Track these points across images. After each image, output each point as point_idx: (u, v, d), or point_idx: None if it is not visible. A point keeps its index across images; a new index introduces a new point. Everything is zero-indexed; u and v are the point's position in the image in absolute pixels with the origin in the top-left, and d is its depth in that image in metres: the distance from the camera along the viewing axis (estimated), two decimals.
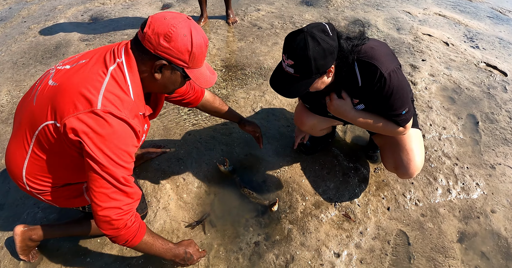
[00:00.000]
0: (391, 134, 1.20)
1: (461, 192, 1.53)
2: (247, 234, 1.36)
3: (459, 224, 1.41)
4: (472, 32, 2.82)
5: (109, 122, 0.83)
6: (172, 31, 0.84)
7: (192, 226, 1.38)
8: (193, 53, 0.88)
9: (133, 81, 0.90)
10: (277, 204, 1.41)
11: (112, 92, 0.86)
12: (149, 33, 0.86)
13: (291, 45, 0.94)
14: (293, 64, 0.95)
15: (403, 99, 1.08)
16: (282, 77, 1.02)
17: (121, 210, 0.88)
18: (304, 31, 0.94)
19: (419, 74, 2.19)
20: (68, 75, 0.90)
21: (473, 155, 1.70)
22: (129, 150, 0.88)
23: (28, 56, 2.58)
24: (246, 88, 2.08)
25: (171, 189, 1.51)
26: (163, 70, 0.92)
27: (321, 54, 0.93)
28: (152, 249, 1.00)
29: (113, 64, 0.89)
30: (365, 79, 1.06)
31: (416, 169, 1.24)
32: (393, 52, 1.11)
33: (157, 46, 0.85)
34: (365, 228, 1.37)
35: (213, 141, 1.73)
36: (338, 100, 1.14)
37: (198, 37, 0.89)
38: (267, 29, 2.68)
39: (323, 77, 1.02)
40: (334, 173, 1.57)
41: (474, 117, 1.92)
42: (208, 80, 0.98)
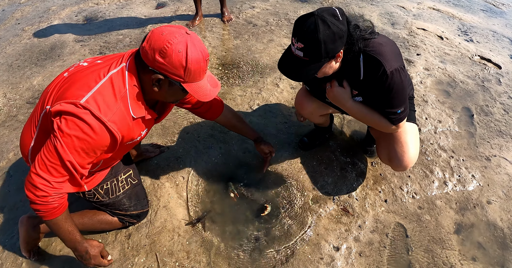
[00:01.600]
0: (383, 130, 1.21)
1: (457, 184, 1.54)
2: (247, 230, 1.36)
3: (455, 216, 1.43)
4: (466, 25, 2.82)
5: (84, 118, 0.87)
6: (167, 47, 0.86)
7: (192, 224, 1.38)
8: (188, 68, 0.89)
9: (132, 85, 0.94)
10: (268, 208, 1.40)
11: (102, 94, 0.90)
12: (146, 48, 0.89)
13: (301, 28, 0.94)
14: (302, 47, 0.94)
15: (401, 99, 1.09)
16: (291, 61, 1.01)
17: (50, 184, 0.91)
18: (314, 15, 0.93)
19: (414, 68, 2.19)
20: (79, 71, 0.99)
21: (469, 147, 1.71)
22: (93, 147, 0.91)
23: (23, 59, 2.55)
24: (242, 86, 2.08)
25: (170, 188, 1.51)
26: (161, 83, 0.95)
27: (331, 38, 0.93)
28: (58, 231, 1.01)
29: (116, 68, 0.95)
30: (368, 73, 1.06)
31: (409, 161, 1.25)
32: (399, 52, 1.12)
33: (153, 61, 0.89)
34: (363, 222, 1.38)
35: (211, 139, 1.72)
36: (339, 88, 1.15)
37: (194, 53, 0.90)
38: (262, 26, 2.67)
39: (331, 62, 1.02)
40: (332, 168, 1.58)
41: (469, 110, 1.93)
42: (208, 94, 0.99)
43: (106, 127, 0.91)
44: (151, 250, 1.30)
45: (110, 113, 0.90)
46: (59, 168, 0.91)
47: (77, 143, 0.89)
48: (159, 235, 1.35)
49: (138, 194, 1.33)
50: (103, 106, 0.89)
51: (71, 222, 1.04)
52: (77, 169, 0.93)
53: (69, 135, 0.88)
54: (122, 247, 1.32)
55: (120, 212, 1.29)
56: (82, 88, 0.90)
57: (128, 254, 1.29)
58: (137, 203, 1.32)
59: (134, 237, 1.35)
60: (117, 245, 1.32)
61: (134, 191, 1.32)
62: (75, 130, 0.88)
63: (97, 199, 1.23)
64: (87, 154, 0.93)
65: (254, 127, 1.79)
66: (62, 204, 0.98)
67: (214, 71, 2.20)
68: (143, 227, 1.37)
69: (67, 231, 1.02)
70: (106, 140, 0.93)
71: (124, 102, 0.94)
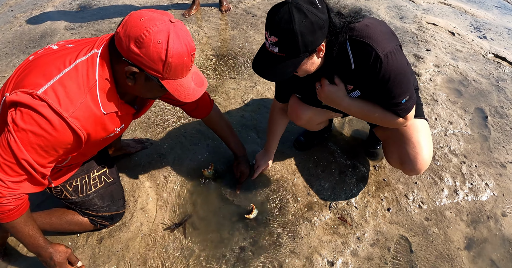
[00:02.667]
0: (391, 126, 1.02)
1: (469, 193, 1.34)
2: (232, 238, 1.19)
3: (466, 229, 1.24)
4: (479, 22, 2.58)
5: (41, 111, 0.73)
6: (145, 35, 0.71)
7: (171, 229, 1.21)
8: (168, 63, 0.74)
9: (103, 76, 0.80)
10: (253, 211, 1.22)
11: (64, 84, 0.76)
12: (121, 34, 0.74)
13: (274, 19, 0.77)
14: (277, 41, 0.78)
15: (403, 85, 0.89)
16: (266, 58, 0.84)
17: (3, 184, 0.78)
18: (289, 2, 0.76)
19: (423, 64, 1.98)
20: (46, 55, 0.83)
21: (482, 152, 1.51)
22: (52, 144, 0.77)
23: (12, 46, 2.38)
24: (237, 79, 1.88)
25: (150, 188, 1.33)
26: (136, 77, 0.78)
27: (309, 29, 0.76)
28: (17, 235, 0.88)
29: (85, 55, 0.80)
30: (359, 62, 0.87)
31: (424, 164, 1.06)
32: (392, 31, 0.92)
33: (127, 51, 0.74)
34: (362, 233, 1.19)
35: (199, 135, 1.54)
36: (330, 86, 0.96)
37: (177, 45, 0.73)
38: (261, 17, 2.46)
39: (312, 57, 0.84)
40: (329, 171, 1.39)
41: (482, 111, 1.72)
42: (190, 94, 0.82)
43: (67, 123, 0.75)
44: (123, 257, 1.13)
45: (72, 107, 0.75)
46: (14, 166, 0.77)
47: (33, 139, 0.74)
48: (134, 240, 1.18)
49: (112, 193, 1.16)
50: (64, 99, 0.74)
51: (32, 225, 0.89)
52: (36, 168, 0.78)
53: (24, 129, 0.73)
54: (92, 252, 1.15)
55: (91, 212, 1.12)
56: (42, 76, 0.76)
57: (99, 261, 1.13)
58: (111, 203, 1.15)
59: (106, 241, 1.18)
60: (87, 250, 1.16)
61: (108, 190, 1.15)
62: (31, 125, 0.72)
63: (65, 196, 1.06)
64: (47, 152, 0.78)
65: (246, 122, 1.61)
66: (21, 206, 0.83)
67: (207, 62, 2.01)
68: (117, 230, 1.20)
69: (27, 235, 0.88)
70: (67, 137, 0.77)
71: (92, 95, 0.78)
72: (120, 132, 0.94)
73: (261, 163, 1.32)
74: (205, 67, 1.98)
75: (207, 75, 1.92)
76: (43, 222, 1.13)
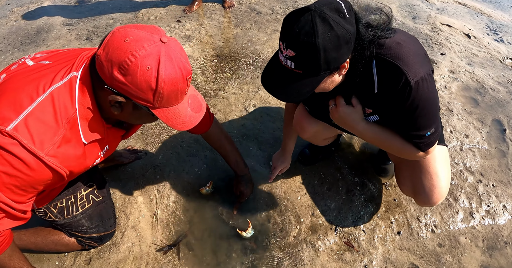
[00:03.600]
0: (407, 157, 0.88)
1: (485, 216, 1.21)
2: (229, 262, 1.08)
3: (482, 257, 1.11)
4: (495, 23, 2.38)
5: (12, 151, 0.61)
6: (130, 61, 0.59)
7: (164, 251, 1.10)
8: (159, 92, 0.63)
9: (83, 105, 0.68)
10: (249, 228, 1.10)
11: (38, 117, 0.63)
12: (102, 58, 0.62)
13: (292, 29, 0.62)
14: (294, 56, 0.63)
15: (431, 117, 0.76)
16: (279, 74, 0.70)
17: None
18: (311, 10, 0.61)
19: (438, 70, 1.81)
20: (19, 74, 0.70)
21: (500, 170, 1.37)
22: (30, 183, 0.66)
23: (7, 42, 2.24)
24: (238, 82, 1.73)
25: (143, 203, 1.22)
26: (122, 105, 0.68)
27: (334, 43, 0.62)
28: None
29: (62, 79, 0.67)
30: (384, 85, 0.73)
31: (440, 197, 0.94)
32: (425, 52, 0.77)
33: (110, 79, 0.62)
34: (370, 261, 1.08)
35: (196, 145, 1.41)
36: (346, 108, 0.81)
37: (170, 70, 0.62)
38: (267, 14, 2.27)
39: (333, 75, 0.70)
40: (336, 189, 1.26)
41: (500, 123, 1.57)
42: (186, 122, 0.70)
43: (44, 162, 0.63)
44: None
45: (49, 145, 0.64)
46: None
47: (7, 179, 0.64)
48: (124, 263, 1.07)
49: (102, 213, 1.05)
50: (38, 136, 0.63)
51: (18, 257, 0.81)
52: (14, 207, 0.68)
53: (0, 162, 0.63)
54: None
55: (78, 234, 1.01)
56: (12, 108, 0.63)
57: None
58: (100, 224, 1.04)
59: (95, 263, 1.07)
60: None
61: (97, 209, 1.03)
62: (2, 165, 0.62)
63: (50, 217, 0.95)
64: (25, 191, 0.67)
65: (247, 132, 1.47)
66: (2, 242, 0.74)
67: (208, 63, 1.86)
68: (106, 250, 1.09)
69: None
70: (46, 175, 0.66)
71: (71, 128, 0.66)
72: (106, 155, 0.81)
73: (278, 164, 1.21)
74: (205, 68, 1.83)
75: (207, 78, 1.77)
76: (27, 242, 1.02)
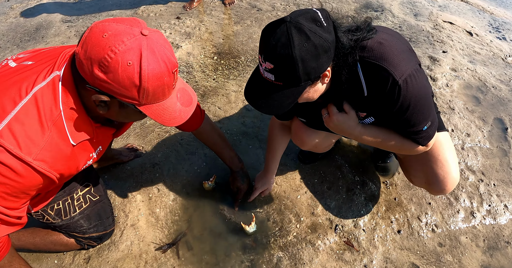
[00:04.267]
0: (408, 153, 0.87)
1: (486, 215, 1.19)
2: (228, 260, 1.06)
3: (482, 257, 1.09)
4: (498, 21, 2.33)
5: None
6: (110, 57, 0.56)
7: (163, 249, 1.08)
8: (143, 88, 0.59)
9: (68, 105, 0.64)
10: (252, 223, 1.08)
11: (22, 121, 0.60)
12: (81, 56, 0.58)
13: (269, 42, 0.60)
14: (272, 68, 0.61)
15: (424, 112, 0.74)
16: (260, 87, 0.67)
17: None
18: (287, 21, 0.59)
19: (440, 68, 1.77)
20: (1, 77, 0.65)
21: (501, 169, 1.34)
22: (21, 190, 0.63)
23: (6, 39, 2.20)
24: (239, 80, 1.70)
25: (142, 202, 1.19)
26: (108, 104, 0.64)
27: (311, 53, 0.59)
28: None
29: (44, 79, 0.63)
30: (373, 88, 0.71)
31: (454, 183, 0.93)
32: (409, 47, 0.75)
33: (91, 77, 0.58)
34: (370, 260, 1.06)
35: (196, 143, 1.38)
36: (339, 115, 0.79)
37: (153, 65, 0.58)
38: (267, 11, 2.23)
39: (315, 84, 0.68)
40: (336, 188, 1.23)
41: (502, 122, 1.53)
42: (177, 117, 0.66)
43: (33, 167, 0.60)
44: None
45: (36, 149, 0.61)
46: None
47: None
48: (123, 261, 1.05)
49: (100, 212, 1.02)
50: (24, 140, 0.60)
51: (18, 262, 0.79)
52: (8, 214, 0.65)
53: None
54: None
55: (77, 234, 0.98)
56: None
57: None
58: (99, 223, 1.01)
59: (93, 261, 1.05)
60: None
61: (95, 209, 1.01)
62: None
63: (47, 220, 0.92)
64: (16, 197, 0.64)
65: (248, 130, 1.44)
66: (1, 248, 0.71)
67: (208, 61, 1.82)
68: (105, 249, 1.07)
69: None
70: (36, 180, 0.63)
71: (58, 129, 0.63)
72: (99, 155, 0.79)
73: (258, 186, 1.15)
74: (205, 66, 1.79)
75: (207, 75, 1.73)
76: (26, 242, 1.00)
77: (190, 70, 1.76)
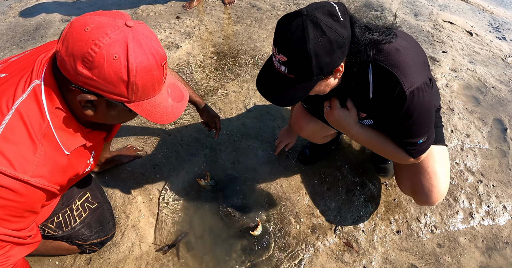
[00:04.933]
0: (399, 162, 0.87)
1: (485, 216, 1.19)
2: (229, 261, 1.06)
3: (481, 257, 1.09)
4: (498, 21, 2.31)
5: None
6: (94, 52, 0.52)
7: (164, 251, 1.08)
8: (132, 83, 0.55)
9: (55, 113, 0.60)
10: (259, 226, 1.08)
11: (10, 140, 0.56)
12: (62, 53, 0.54)
13: (284, 34, 0.59)
14: (286, 61, 0.61)
15: (424, 126, 0.74)
16: (272, 78, 0.67)
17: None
18: (303, 14, 0.58)
19: (440, 68, 1.76)
20: None
21: (500, 170, 1.33)
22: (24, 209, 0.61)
23: (6, 39, 2.17)
24: (238, 80, 1.69)
25: (143, 203, 1.19)
26: (95, 104, 0.60)
27: (326, 48, 0.59)
28: None
29: (24, 91, 0.58)
30: (379, 93, 0.71)
31: (439, 196, 0.92)
32: (425, 60, 0.74)
33: (75, 74, 0.54)
34: (369, 261, 1.06)
35: (196, 144, 1.38)
36: (341, 111, 0.79)
37: (141, 57, 0.55)
38: (267, 10, 2.21)
39: (328, 79, 0.67)
40: (336, 189, 1.23)
41: (501, 122, 1.53)
42: (169, 113, 0.63)
43: (32, 185, 0.57)
44: None
45: (30, 166, 0.57)
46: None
47: (0, 212, 0.58)
48: (124, 263, 1.05)
49: (100, 219, 1.00)
50: (17, 159, 0.55)
51: None
52: (18, 236, 0.62)
53: None
54: None
55: (79, 242, 0.97)
56: None
57: None
58: (100, 229, 1.00)
59: (95, 263, 1.05)
60: None
61: (95, 216, 0.99)
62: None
63: (48, 233, 0.91)
64: (22, 217, 0.61)
65: (248, 131, 1.43)
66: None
67: (208, 61, 1.81)
68: (106, 250, 1.07)
69: None
70: (37, 196, 0.61)
71: (49, 141, 0.59)
72: (94, 161, 0.77)
73: (283, 139, 1.18)
74: (205, 66, 1.78)
75: (207, 75, 1.72)
76: None
77: (190, 70, 1.74)
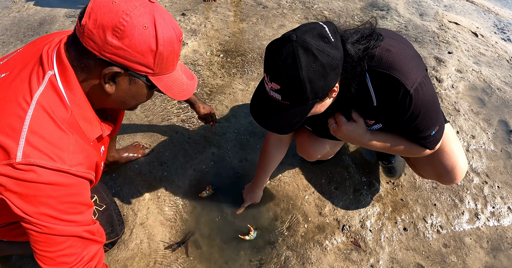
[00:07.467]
0: (416, 156, 0.86)
1: (490, 217, 1.19)
2: (237, 259, 1.05)
3: (486, 258, 1.09)
4: (503, 22, 2.29)
5: (35, 180, 0.52)
6: (125, 21, 0.53)
7: (173, 248, 1.07)
8: (159, 53, 0.56)
9: (75, 102, 0.59)
10: (250, 232, 1.07)
11: (40, 133, 0.53)
12: (89, 26, 0.54)
13: (275, 62, 0.57)
14: (279, 89, 0.58)
15: (433, 117, 0.73)
16: (267, 104, 0.64)
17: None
18: (293, 40, 0.56)
19: (445, 69, 1.74)
20: None
21: (505, 171, 1.33)
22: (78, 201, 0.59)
23: (10, 34, 2.14)
24: (245, 78, 1.66)
25: (151, 200, 1.18)
26: (117, 80, 0.59)
27: (320, 73, 0.57)
28: None
29: (40, 84, 0.56)
30: (383, 98, 0.69)
31: (463, 172, 0.92)
32: (415, 52, 0.72)
33: (104, 45, 0.54)
34: (377, 260, 1.05)
35: (204, 142, 1.36)
36: (348, 124, 0.76)
37: (166, 29, 0.56)
38: (273, 8, 2.17)
39: (324, 101, 0.65)
40: (343, 188, 1.22)
41: (506, 124, 1.52)
42: (185, 89, 0.64)
43: (73, 174, 0.57)
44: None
45: (68, 155, 0.55)
46: (70, 250, 0.59)
47: (57, 212, 0.55)
48: (133, 260, 1.04)
49: (109, 220, 0.98)
50: (52, 150, 0.54)
51: None
52: (90, 233, 0.61)
53: (40, 213, 0.54)
54: None
55: None
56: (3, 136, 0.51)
57: None
58: (111, 230, 0.98)
59: None
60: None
61: (104, 218, 0.96)
62: (41, 204, 0.53)
63: None
64: (75, 208, 0.59)
65: (255, 130, 1.42)
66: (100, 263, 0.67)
67: (214, 58, 1.78)
68: (115, 248, 1.06)
69: None
70: (83, 186, 0.60)
71: (76, 129, 0.58)
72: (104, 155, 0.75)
73: (247, 199, 1.13)
74: (211, 64, 1.75)
75: (213, 73, 1.70)
76: None
77: (197, 68, 1.72)
